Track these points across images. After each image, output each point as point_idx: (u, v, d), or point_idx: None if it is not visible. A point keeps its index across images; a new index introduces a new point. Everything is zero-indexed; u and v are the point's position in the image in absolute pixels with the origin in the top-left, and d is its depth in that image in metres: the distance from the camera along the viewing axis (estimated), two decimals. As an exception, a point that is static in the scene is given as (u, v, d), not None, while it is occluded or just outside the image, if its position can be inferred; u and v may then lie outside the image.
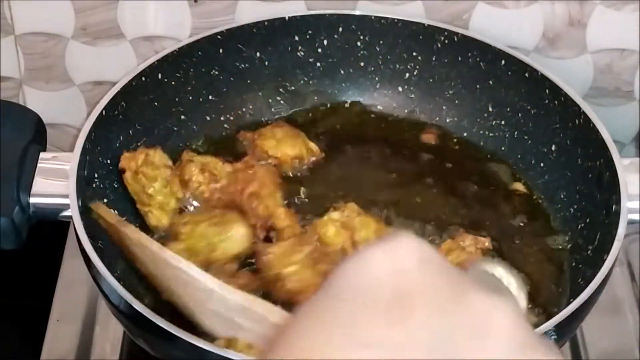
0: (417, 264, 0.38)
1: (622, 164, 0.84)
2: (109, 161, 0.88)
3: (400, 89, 1.00)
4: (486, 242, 0.86)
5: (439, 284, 0.38)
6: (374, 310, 0.37)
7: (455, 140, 0.98)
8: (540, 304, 0.82)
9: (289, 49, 0.99)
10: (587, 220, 0.86)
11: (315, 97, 1.01)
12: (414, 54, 0.99)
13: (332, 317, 0.37)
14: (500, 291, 0.40)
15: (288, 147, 0.93)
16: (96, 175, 0.86)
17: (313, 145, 0.94)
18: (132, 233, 0.62)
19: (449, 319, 0.37)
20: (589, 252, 0.84)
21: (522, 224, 0.89)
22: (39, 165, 0.84)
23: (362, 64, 1.00)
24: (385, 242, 0.39)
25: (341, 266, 0.39)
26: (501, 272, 0.43)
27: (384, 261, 0.38)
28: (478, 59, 0.96)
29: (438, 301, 0.37)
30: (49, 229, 0.86)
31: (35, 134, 0.86)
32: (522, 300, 0.43)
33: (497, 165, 0.95)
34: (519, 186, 0.93)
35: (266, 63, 0.98)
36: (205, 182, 0.88)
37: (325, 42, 0.99)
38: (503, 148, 0.96)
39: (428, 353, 0.36)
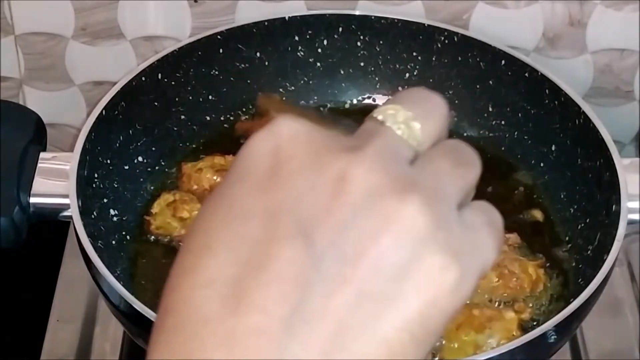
0: (288, 140, 0.41)
1: (622, 164, 0.84)
2: (108, 161, 0.88)
3: (400, 89, 1.00)
4: (515, 238, 0.86)
5: (303, 154, 0.41)
6: (249, 185, 0.40)
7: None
8: (540, 304, 0.83)
9: (289, 49, 0.99)
10: (587, 220, 0.86)
11: (315, 97, 1.01)
12: (414, 54, 0.99)
13: (219, 198, 0.41)
14: (366, 143, 0.41)
15: None
16: (96, 175, 0.86)
17: None
18: None
19: (307, 181, 0.40)
20: (589, 252, 0.84)
21: (522, 224, 0.90)
22: (39, 165, 0.84)
23: (362, 64, 1.00)
24: (266, 126, 0.42)
25: (238, 152, 0.43)
26: (387, 113, 0.44)
27: (263, 142, 0.41)
28: (478, 59, 0.96)
29: (301, 166, 0.40)
30: (49, 229, 0.86)
31: (35, 134, 0.86)
32: (415, 129, 0.44)
33: (497, 165, 0.95)
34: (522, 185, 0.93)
35: (266, 63, 0.98)
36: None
37: (325, 42, 0.99)
38: (503, 148, 0.96)
39: (290, 214, 0.39)
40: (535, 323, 0.81)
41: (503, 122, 0.97)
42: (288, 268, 0.38)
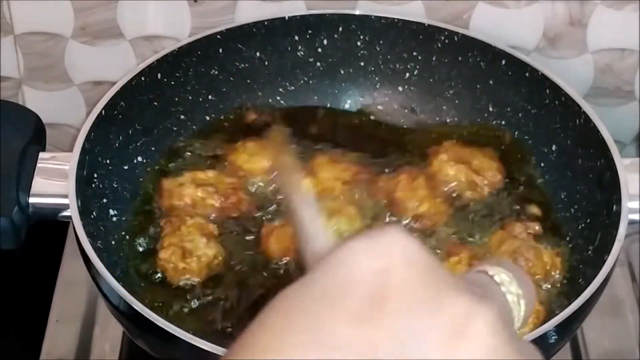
0: (401, 264, 0.36)
1: (623, 164, 0.84)
2: (108, 161, 0.88)
3: (400, 89, 1.00)
4: (536, 227, 0.86)
5: (418, 285, 0.36)
6: (344, 310, 0.35)
7: (455, 140, 0.98)
8: (541, 304, 0.82)
9: (289, 49, 0.98)
10: (588, 221, 0.86)
11: (315, 97, 1.01)
12: (414, 54, 0.99)
13: (298, 314, 0.36)
14: (488, 297, 0.38)
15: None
16: (95, 175, 0.85)
17: None
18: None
19: (420, 320, 0.35)
20: (589, 252, 0.84)
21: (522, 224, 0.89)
22: (38, 165, 0.84)
23: (362, 64, 1.00)
24: (373, 237, 0.37)
25: (324, 259, 0.37)
26: (503, 277, 0.41)
27: (367, 259, 0.36)
28: (478, 59, 0.96)
29: (413, 303, 0.36)
30: (49, 229, 0.86)
31: (35, 134, 0.86)
32: (522, 310, 0.42)
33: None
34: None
35: (266, 63, 0.98)
36: (207, 195, 0.88)
37: (325, 42, 0.99)
38: (503, 148, 0.96)
39: (390, 353, 0.35)
40: (535, 323, 0.80)
41: (503, 122, 0.96)
42: None
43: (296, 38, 0.98)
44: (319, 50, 0.99)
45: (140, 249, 0.86)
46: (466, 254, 0.83)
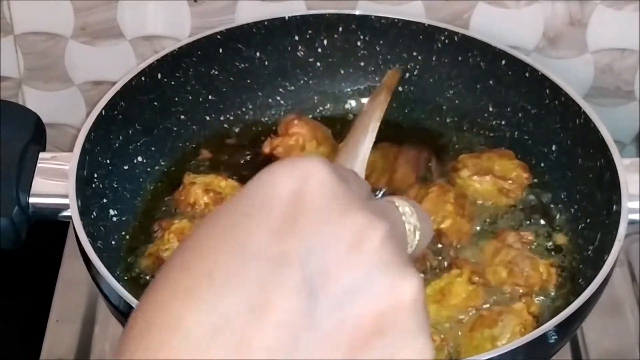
0: (316, 185, 0.42)
1: (623, 164, 0.83)
2: (108, 161, 0.88)
3: (400, 89, 1.00)
4: (529, 235, 0.87)
5: (327, 205, 0.41)
6: (264, 223, 0.41)
7: (455, 140, 0.98)
8: (541, 304, 0.82)
9: (289, 49, 0.98)
10: (588, 221, 0.86)
11: (315, 97, 1.01)
12: (414, 54, 0.99)
13: (227, 223, 0.41)
14: (388, 217, 0.43)
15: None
16: (96, 175, 0.85)
17: None
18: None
19: (326, 233, 0.41)
20: (589, 252, 0.84)
21: (522, 224, 0.89)
22: (38, 165, 0.84)
23: (362, 64, 1.00)
24: (293, 162, 0.42)
25: (252, 179, 0.43)
26: (406, 210, 0.47)
27: (288, 179, 0.42)
28: (478, 59, 0.96)
29: (321, 219, 0.41)
30: (49, 229, 0.86)
31: (35, 134, 0.86)
32: (416, 239, 0.48)
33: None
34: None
35: (266, 63, 0.98)
36: (211, 201, 0.87)
37: (325, 42, 0.99)
38: (503, 148, 0.96)
39: (300, 264, 0.40)
40: (535, 323, 0.80)
41: (503, 122, 0.96)
42: (286, 318, 0.39)
43: (296, 38, 0.98)
44: (319, 50, 0.99)
45: (140, 249, 0.86)
46: (468, 269, 0.83)
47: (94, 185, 0.85)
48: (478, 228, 0.88)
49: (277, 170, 0.42)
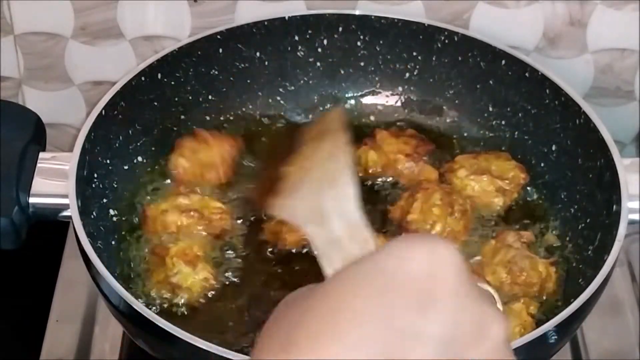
0: (449, 272, 0.43)
1: (623, 164, 0.84)
2: (108, 161, 0.88)
3: (400, 89, 1.00)
4: (530, 236, 0.86)
5: (461, 291, 0.43)
6: (401, 301, 0.42)
7: (455, 140, 0.98)
8: (541, 304, 0.82)
9: (289, 49, 0.98)
10: (588, 220, 0.86)
11: (316, 97, 1.01)
12: (414, 54, 0.99)
13: (367, 300, 0.43)
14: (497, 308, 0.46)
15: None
16: (95, 175, 0.85)
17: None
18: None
19: (460, 319, 0.43)
20: (589, 252, 0.84)
21: (522, 224, 0.89)
22: (38, 165, 0.84)
23: (362, 64, 1.00)
24: (427, 240, 0.44)
25: (383, 251, 0.44)
26: (496, 296, 0.50)
27: (423, 259, 0.43)
28: (478, 59, 0.96)
29: (457, 305, 0.43)
30: (49, 229, 0.86)
31: (35, 134, 0.86)
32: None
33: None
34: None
35: (266, 63, 0.98)
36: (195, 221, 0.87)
37: (325, 42, 0.99)
38: (503, 148, 0.96)
39: (433, 345, 0.42)
40: (535, 323, 0.80)
41: (503, 122, 0.96)
42: None
43: (296, 38, 0.98)
44: (319, 50, 0.99)
45: (141, 249, 0.86)
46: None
47: (94, 185, 0.85)
48: (476, 227, 0.88)
49: (412, 247, 0.44)
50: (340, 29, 0.98)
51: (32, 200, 0.81)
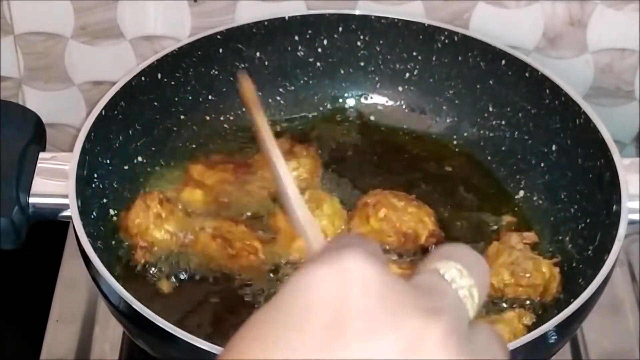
0: (358, 290, 0.38)
1: (623, 164, 0.84)
2: (108, 161, 0.88)
3: (400, 89, 1.00)
4: (533, 237, 0.86)
5: (374, 309, 0.38)
6: (309, 334, 0.38)
7: (455, 140, 0.98)
8: (541, 304, 0.82)
9: (289, 49, 0.98)
10: (588, 221, 0.86)
11: (315, 97, 1.01)
12: (414, 54, 0.99)
13: (269, 336, 0.38)
14: (438, 306, 0.40)
15: None
16: (95, 175, 0.85)
17: None
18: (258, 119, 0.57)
19: (377, 344, 0.37)
20: (589, 252, 0.84)
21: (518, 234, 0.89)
22: (38, 165, 0.84)
23: (362, 64, 1.00)
24: (332, 262, 0.39)
25: (287, 284, 0.39)
26: (453, 274, 0.42)
27: (328, 284, 0.38)
28: (478, 59, 0.96)
29: (369, 328, 0.38)
30: (49, 229, 0.86)
31: (35, 134, 0.86)
32: (475, 298, 0.43)
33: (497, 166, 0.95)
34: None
35: (266, 63, 0.98)
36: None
37: (325, 42, 0.99)
38: (503, 148, 0.96)
39: None
40: (536, 323, 0.80)
41: (503, 122, 0.96)
42: None
43: (296, 38, 0.98)
44: (319, 50, 0.99)
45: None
46: None
47: (93, 185, 0.85)
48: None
49: (314, 273, 0.39)
50: (340, 29, 0.98)
51: (32, 200, 0.82)
